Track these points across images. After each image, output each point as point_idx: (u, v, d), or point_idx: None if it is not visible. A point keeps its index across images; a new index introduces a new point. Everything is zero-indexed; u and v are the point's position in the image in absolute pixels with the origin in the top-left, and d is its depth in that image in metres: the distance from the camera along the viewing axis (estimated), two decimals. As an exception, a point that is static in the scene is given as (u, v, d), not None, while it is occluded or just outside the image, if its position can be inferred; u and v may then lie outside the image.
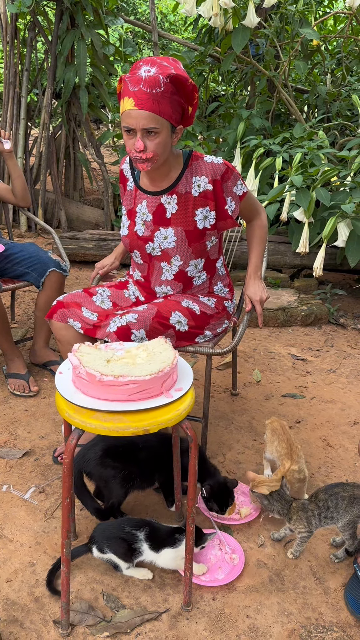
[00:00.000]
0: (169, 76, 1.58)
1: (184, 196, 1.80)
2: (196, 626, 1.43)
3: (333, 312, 3.41)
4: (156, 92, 1.57)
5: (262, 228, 1.99)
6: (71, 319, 1.83)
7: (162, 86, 1.58)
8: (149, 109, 1.58)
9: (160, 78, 1.57)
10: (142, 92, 1.57)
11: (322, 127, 4.15)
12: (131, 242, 1.91)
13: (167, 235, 1.83)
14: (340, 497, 1.57)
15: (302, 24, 4.08)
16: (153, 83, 1.57)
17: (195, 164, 1.80)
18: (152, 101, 1.58)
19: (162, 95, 1.58)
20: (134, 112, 1.59)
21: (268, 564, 1.63)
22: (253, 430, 2.26)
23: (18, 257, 2.47)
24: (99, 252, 4.02)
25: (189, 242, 1.83)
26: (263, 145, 3.82)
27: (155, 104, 1.58)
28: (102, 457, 1.63)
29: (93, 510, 1.66)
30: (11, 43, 4.33)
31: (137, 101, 1.58)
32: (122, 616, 1.44)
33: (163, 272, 1.90)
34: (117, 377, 1.25)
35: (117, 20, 4.51)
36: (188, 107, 1.70)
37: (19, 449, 2.08)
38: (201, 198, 1.80)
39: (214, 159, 1.79)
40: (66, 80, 4.28)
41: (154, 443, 1.71)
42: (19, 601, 1.48)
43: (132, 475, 1.65)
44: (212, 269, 1.96)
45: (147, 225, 1.86)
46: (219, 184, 1.79)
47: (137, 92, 1.58)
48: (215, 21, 3.82)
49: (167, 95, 1.59)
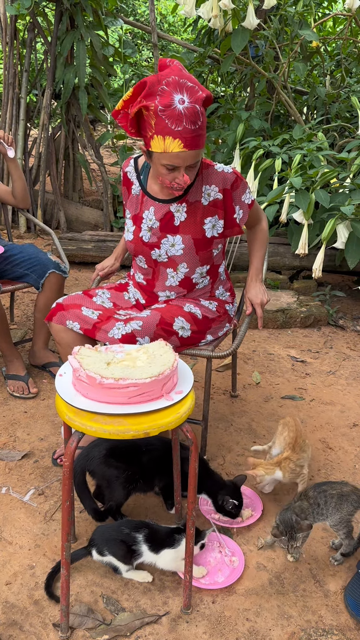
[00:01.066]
0: (201, 103, 1.55)
1: (193, 205, 1.80)
2: (196, 629, 1.43)
3: (332, 313, 3.41)
4: (198, 127, 1.55)
5: (263, 232, 2.00)
6: (70, 320, 1.82)
7: (200, 118, 1.54)
8: (197, 147, 1.57)
9: (197, 109, 1.53)
10: (187, 130, 1.53)
11: (322, 129, 4.15)
12: (136, 247, 1.90)
13: (175, 242, 1.82)
14: (329, 495, 1.59)
15: (301, 25, 4.08)
16: (194, 117, 1.53)
17: (205, 173, 1.79)
18: (197, 138, 1.56)
19: (201, 127, 1.56)
20: (183, 154, 1.57)
21: (268, 567, 1.63)
22: (253, 432, 2.26)
23: (17, 258, 2.46)
24: (98, 253, 4.01)
25: (197, 250, 1.83)
26: (262, 146, 3.82)
27: (201, 139, 1.57)
28: (106, 456, 1.63)
29: (91, 511, 1.66)
30: (10, 44, 4.32)
31: (185, 142, 1.55)
32: (122, 619, 1.44)
33: (168, 278, 1.89)
34: (117, 380, 1.24)
35: (116, 21, 4.51)
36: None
37: (18, 451, 2.07)
38: (210, 207, 1.80)
39: (224, 168, 1.78)
40: (65, 81, 4.28)
41: (156, 446, 1.71)
42: (19, 604, 1.48)
43: (135, 477, 1.65)
44: (215, 274, 1.97)
45: (153, 232, 1.84)
46: (229, 193, 1.79)
47: (182, 131, 1.53)
48: (214, 22, 3.82)
49: (204, 124, 1.57)
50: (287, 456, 1.80)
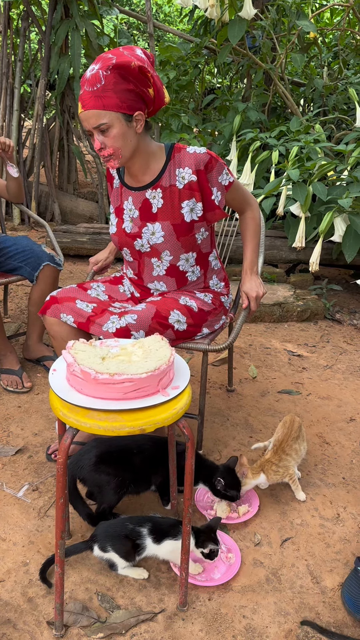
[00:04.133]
0: (108, 68, 1.56)
1: (168, 189, 1.77)
2: (192, 627, 1.41)
3: (329, 307, 3.40)
4: (97, 89, 1.57)
5: (255, 220, 1.94)
6: (64, 313, 1.80)
7: (102, 80, 1.57)
8: (92, 107, 1.59)
9: (100, 73, 1.56)
10: (85, 93, 1.59)
11: (319, 121, 4.12)
12: (120, 239, 1.88)
13: (155, 230, 1.80)
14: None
15: (299, 16, 4.04)
16: (94, 80, 1.57)
17: (177, 156, 1.76)
18: (94, 98, 1.58)
19: (103, 89, 1.57)
20: (82, 115, 1.62)
21: (265, 563, 1.61)
22: (249, 427, 2.24)
23: (11, 250, 2.42)
24: (93, 246, 3.98)
25: (178, 236, 1.80)
26: (259, 138, 3.78)
27: (98, 100, 1.58)
28: (96, 463, 1.61)
29: (85, 516, 1.64)
30: (4, 33, 4.26)
31: (82, 103, 1.60)
32: (117, 617, 1.42)
33: (154, 268, 1.87)
34: (112, 375, 1.22)
35: (111, 11, 4.45)
36: (146, 89, 1.63)
37: (12, 446, 2.05)
38: (186, 190, 1.76)
39: (197, 149, 1.75)
40: (60, 71, 4.23)
41: (147, 446, 1.70)
42: (12, 602, 1.46)
43: (126, 481, 1.63)
44: (205, 263, 1.93)
45: (134, 222, 1.83)
46: (203, 174, 1.75)
47: (82, 95, 1.60)
48: (211, 12, 3.77)
49: (109, 87, 1.57)
50: (268, 459, 1.80)
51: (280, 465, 1.79)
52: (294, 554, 1.65)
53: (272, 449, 1.85)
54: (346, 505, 1.85)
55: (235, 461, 1.78)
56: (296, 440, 1.85)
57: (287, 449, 1.82)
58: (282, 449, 1.82)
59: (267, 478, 1.77)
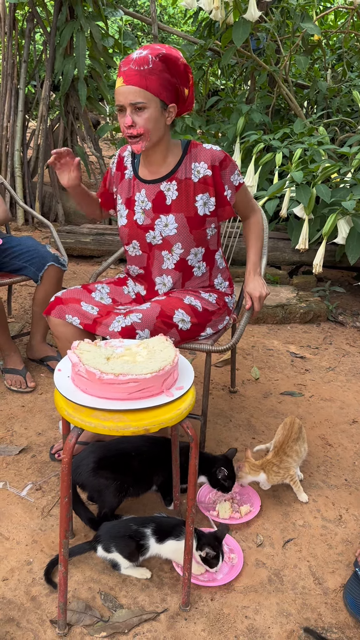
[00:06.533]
0: (158, 55, 1.63)
1: (184, 182, 1.81)
2: (194, 627, 1.42)
3: (332, 309, 3.40)
4: (144, 69, 1.62)
5: (259, 225, 1.98)
6: (69, 314, 1.80)
7: (150, 64, 1.62)
8: (135, 83, 1.62)
9: (150, 57, 1.62)
10: (130, 70, 1.63)
11: (322, 123, 4.12)
12: (130, 231, 1.89)
13: (168, 222, 1.82)
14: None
15: (303, 18, 4.04)
16: (142, 61, 1.62)
17: (194, 151, 1.82)
18: (139, 76, 1.62)
19: (149, 72, 1.63)
20: (122, 89, 1.64)
21: (267, 564, 1.62)
22: (252, 428, 2.24)
23: (16, 250, 2.43)
24: (97, 247, 3.98)
25: (191, 228, 1.83)
26: (263, 140, 3.79)
27: (142, 79, 1.62)
28: (95, 468, 1.62)
29: (87, 521, 1.65)
30: (9, 34, 4.28)
31: (125, 78, 1.63)
32: (120, 616, 1.43)
33: (164, 260, 1.88)
34: (117, 375, 1.23)
35: (116, 12, 4.47)
36: (183, 88, 1.73)
37: (16, 446, 2.06)
38: (201, 184, 1.81)
39: (213, 147, 1.82)
40: (65, 73, 4.24)
41: (146, 448, 1.70)
42: (16, 600, 1.46)
43: (125, 484, 1.63)
44: (211, 260, 1.95)
45: (147, 214, 1.85)
46: (218, 170, 1.81)
47: (126, 70, 1.63)
48: (215, 14, 3.78)
49: (156, 72, 1.63)
50: (269, 459, 1.81)
51: (281, 466, 1.79)
52: (296, 555, 1.66)
53: (272, 450, 1.85)
54: (348, 507, 1.85)
55: (234, 453, 1.80)
56: (296, 442, 1.86)
57: (288, 450, 1.82)
58: (282, 450, 1.82)
59: (268, 479, 1.78)
